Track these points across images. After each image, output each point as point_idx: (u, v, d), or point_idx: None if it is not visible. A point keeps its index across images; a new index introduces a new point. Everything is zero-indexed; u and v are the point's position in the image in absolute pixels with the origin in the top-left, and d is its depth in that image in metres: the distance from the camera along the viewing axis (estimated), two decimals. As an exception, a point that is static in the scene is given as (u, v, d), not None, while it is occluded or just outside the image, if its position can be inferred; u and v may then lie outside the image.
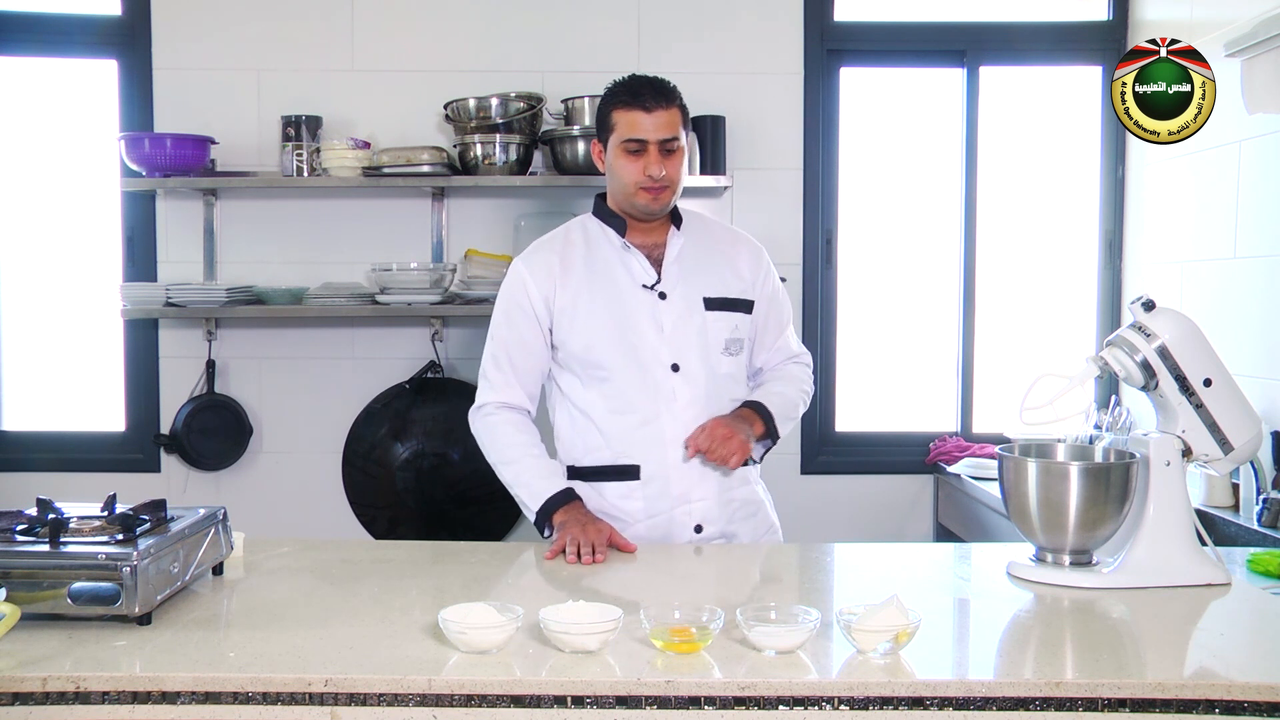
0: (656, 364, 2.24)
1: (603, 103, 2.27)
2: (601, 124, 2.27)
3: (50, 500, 1.75)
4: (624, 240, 2.30)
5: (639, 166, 2.21)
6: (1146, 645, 1.66)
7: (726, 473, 2.27)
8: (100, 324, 3.81)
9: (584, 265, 2.30)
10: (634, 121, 2.20)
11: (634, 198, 2.24)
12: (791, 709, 1.42)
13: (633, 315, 2.25)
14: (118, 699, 1.43)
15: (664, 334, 2.25)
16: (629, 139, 2.20)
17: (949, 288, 3.90)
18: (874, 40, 3.83)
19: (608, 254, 2.31)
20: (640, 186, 2.22)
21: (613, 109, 2.23)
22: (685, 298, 2.28)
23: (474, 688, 1.43)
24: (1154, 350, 1.93)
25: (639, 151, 2.20)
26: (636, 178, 2.21)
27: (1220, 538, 2.73)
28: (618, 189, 2.27)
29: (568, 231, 2.37)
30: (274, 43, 3.70)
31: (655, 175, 2.20)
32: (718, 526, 2.28)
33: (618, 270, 2.29)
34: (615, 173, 2.25)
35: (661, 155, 2.20)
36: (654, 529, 2.25)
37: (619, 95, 2.23)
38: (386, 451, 3.72)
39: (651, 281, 2.28)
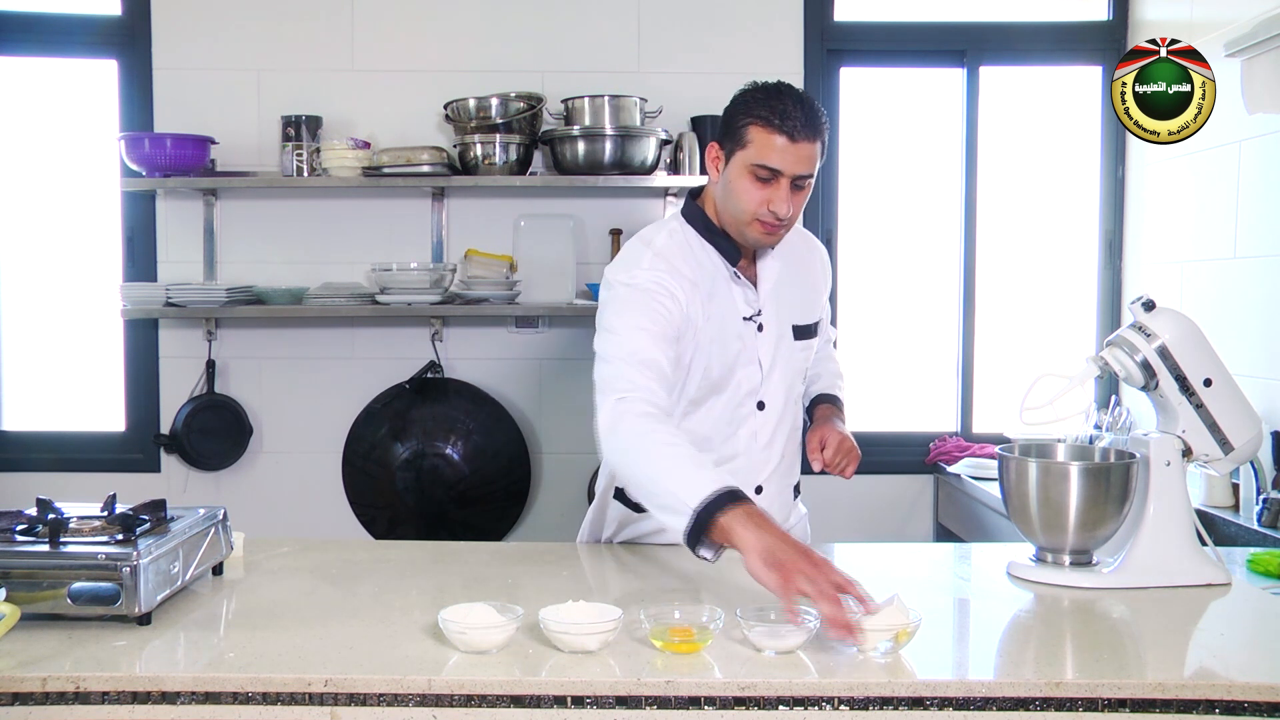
0: (749, 401, 2.07)
1: (738, 107, 1.96)
2: (730, 132, 1.96)
3: (50, 500, 1.75)
4: (734, 270, 2.05)
5: (764, 197, 1.93)
6: (1147, 645, 1.65)
7: (787, 504, 2.18)
8: (100, 324, 3.81)
9: (701, 286, 2.02)
10: (773, 147, 1.90)
11: (746, 228, 1.97)
12: (791, 709, 1.42)
13: (736, 349, 2.04)
14: (117, 699, 1.43)
15: (762, 370, 2.07)
16: (762, 165, 1.91)
17: (949, 288, 3.90)
18: (874, 40, 3.83)
19: (718, 277, 2.04)
20: (759, 219, 1.95)
21: (751, 122, 1.92)
22: (778, 329, 2.09)
23: (474, 688, 1.43)
24: (1154, 350, 1.93)
25: (768, 180, 1.92)
26: (757, 209, 1.94)
27: (1220, 538, 2.73)
28: (731, 211, 1.98)
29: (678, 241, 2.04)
30: (274, 43, 3.70)
31: (781, 214, 1.93)
32: None
33: (723, 298, 2.04)
34: (734, 193, 1.96)
35: (791, 190, 1.94)
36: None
37: (763, 109, 1.91)
38: (386, 451, 3.72)
39: (752, 312, 2.06)
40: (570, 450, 3.79)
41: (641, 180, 3.54)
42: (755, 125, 1.92)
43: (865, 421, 3.92)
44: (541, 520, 3.80)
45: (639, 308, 1.95)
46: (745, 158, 1.93)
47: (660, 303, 1.95)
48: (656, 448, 1.78)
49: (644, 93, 3.57)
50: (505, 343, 3.78)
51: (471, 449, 3.72)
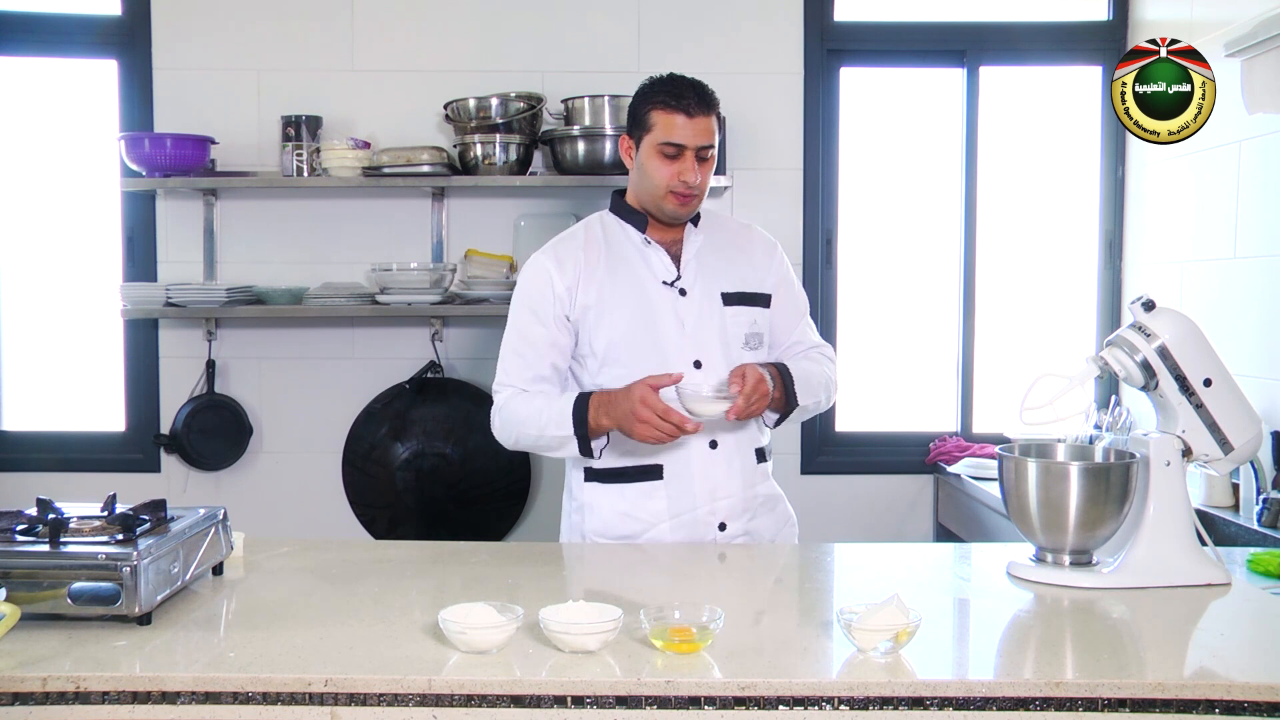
0: (679, 360, 2.20)
1: (639, 99, 2.23)
2: (636, 120, 2.23)
3: (50, 500, 1.75)
4: (644, 236, 2.28)
5: (673, 171, 2.18)
6: (1146, 645, 1.66)
7: (750, 467, 2.26)
8: (100, 324, 3.81)
9: (605, 262, 2.26)
10: (674, 125, 2.16)
11: (663, 201, 2.21)
12: (791, 709, 1.42)
13: (655, 312, 2.23)
14: (118, 699, 1.43)
15: (685, 330, 2.23)
16: (667, 142, 2.17)
17: (949, 288, 3.90)
18: (874, 40, 3.83)
19: (628, 250, 2.28)
20: (671, 190, 2.19)
21: (652, 108, 2.19)
22: (705, 294, 2.26)
23: (474, 688, 1.43)
24: (1154, 350, 1.93)
25: (675, 156, 2.17)
26: (669, 182, 2.18)
27: (1220, 538, 2.73)
28: (646, 189, 2.23)
29: (587, 228, 2.33)
30: (274, 43, 3.70)
31: (690, 183, 2.18)
32: (740, 523, 2.27)
33: (639, 266, 2.26)
34: (647, 173, 2.21)
35: (696, 162, 2.18)
36: (678, 529, 2.23)
37: (660, 95, 2.19)
38: (386, 451, 3.72)
39: (672, 278, 2.26)
40: (570, 450, 3.78)
41: (641, 180, 3.54)
42: (657, 109, 2.19)
43: (865, 421, 3.92)
44: (541, 520, 3.80)
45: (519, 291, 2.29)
46: (652, 140, 2.19)
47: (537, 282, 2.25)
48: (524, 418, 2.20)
49: (644, 93, 3.57)
50: (505, 343, 3.78)
51: (471, 449, 3.72)
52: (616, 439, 2.20)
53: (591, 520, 2.28)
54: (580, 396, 2.15)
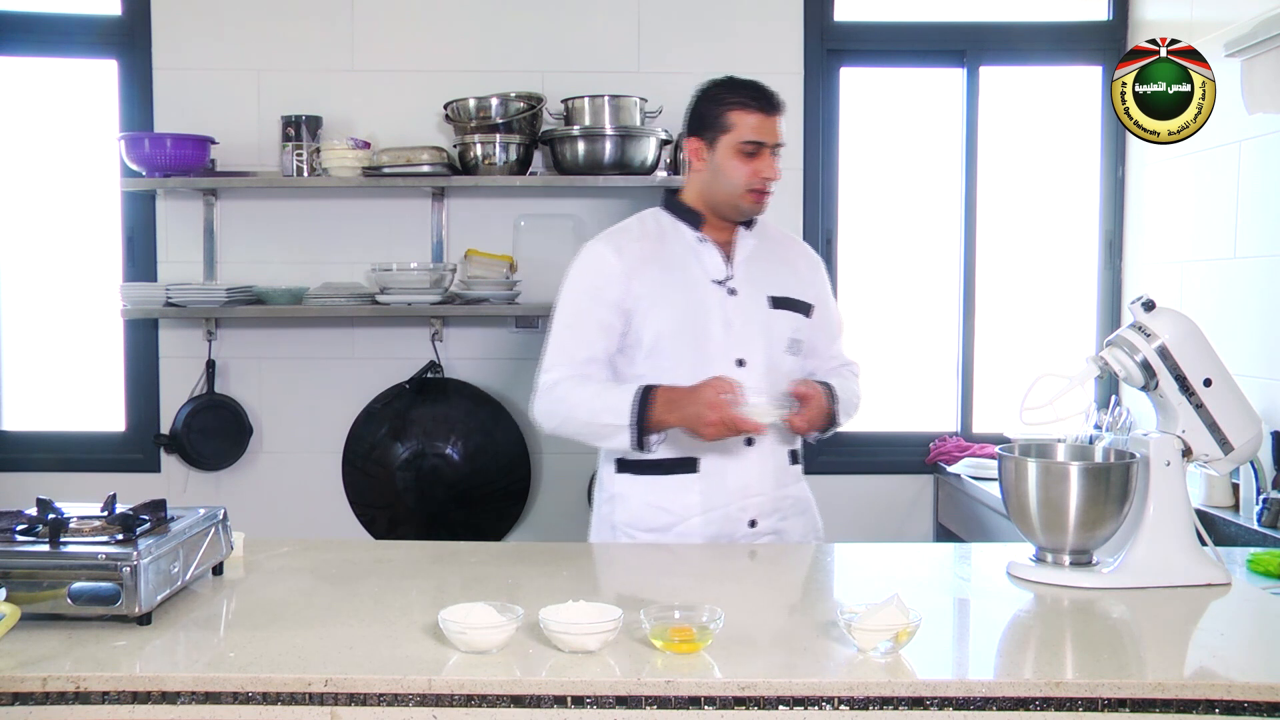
0: (722, 358, 2.22)
1: (712, 101, 2.27)
2: (708, 122, 2.26)
3: (50, 500, 1.75)
4: (699, 234, 2.30)
5: (752, 169, 2.22)
6: (1146, 645, 1.66)
7: (783, 467, 2.30)
8: (100, 324, 3.80)
9: (660, 256, 2.29)
10: (756, 124, 2.22)
11: (740, 199, 2.25)
12: (791, 709, 1.42)
13: (703, 309, 2.25)
14: (118, 699, 1.43)
15: (732, 329, 2.25)
16: (749, 140, 2.21)
17: (949, 288, 3.90)
18: (874, 40, 3.83)
19: (681, 247, 2.30)
20: (750, 189, 2.23)
21: (729, 109, 2.23)
22: (753, 295, 2.29)
23: (474, 688, 1.43)
24: (1154, 350, 1.93)
25: (754, 154, 2.22)
26: (749, 180, 2.22)
27: (1220, 538, 2.73)
28: (723, 188, 2.25)
29: (641, 222, 2.36)
30: (274, 43, 3.70)
31: (770, 178, 2.23)
32: (770, 522, 2.29)
33: (691, 263, 2.29)
34: (724, 173, 2.24)
35: (771, 159, 2.24)
36: (709, 524, 2.24)
37: (739, 96, 2.24)
38: (386, 451, 3.72)
39: (723, 276, 2.28)
40: (570, 450, 3.77)
41: (641, 180, 3.54)
42: (737, 110, 2.23)
43: (865, 421, 3.90)
44: (541, 520, 3.80)
45: (575, 276, 2.30)
46: (732, 139, 2.23)
47: (595, 269, 2.27)
48: (575, 403, 2.19)
49: (644, 93, 3.57)
50: (505, 342, 3.78)
51: (471, 449, 3.72)
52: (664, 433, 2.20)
53: (622, 511, 2.30)
54: (643, 390, 2.14)
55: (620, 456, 2.29)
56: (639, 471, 2.28)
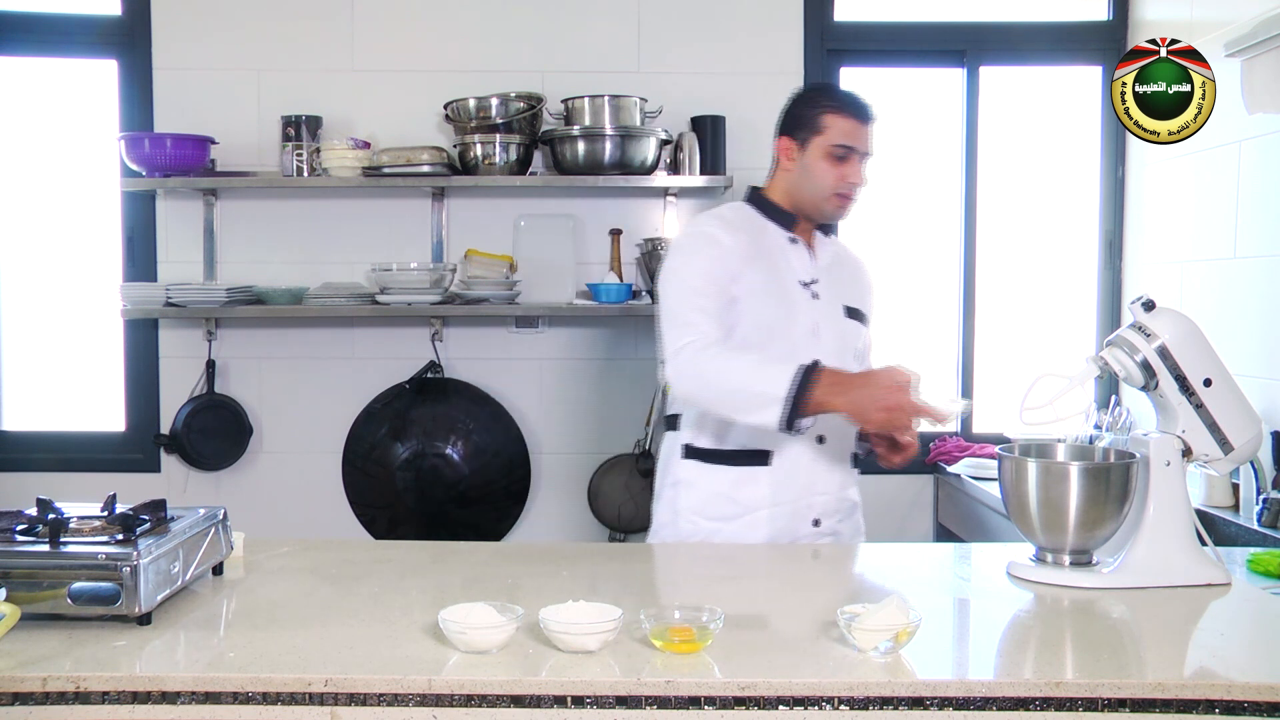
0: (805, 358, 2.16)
1: (808, 104, 2.28)
2: (803, 124, 2.26)
3: (50, 500, 1.75)
4: (790, 234, 2.30)
5: (841, 173, 2.23)
6: (1146, 645, 1.65)
7: (846, 469, 2.32)
8: (100, 324, 3.81)
9: (759, 250, 2.27)
10: (851, 130, 2.23)
11: (825, 203, 2.26)
12: (791, 709, 1.42)
13: (793, 310, 2.25)
14: (118, 699, 1.43)
15: (815, 333, 2.26)
16: (842, 144, 2.23)
17: (949, 287, 3.90)
18: (874, 40, 3.83)
19: (773, 245, 2.29)
20: (837, 193, 2.24)
21: (826, 112, 2.24)
22: (832, 301, 2.31)
23: (474, 688, 1.43)
24: (1154, 350, 1.93)
25: (844, 159, 2.23)
26: (836, 183, 2.23)
27: (1220, 538, 2.73)
28: (809, 190, 2.26)
29: (736, 213, 2.32)
30: (274, 43, 3.70)
31: (858, 184, 2.25)
32: (831, 523, 2.30)
33: (782, 262, 2.29)
34: (812, 174, 2.25)
35: (860, 165, 2.26)
36: (776, 518, 2.24)
37: (836, 100, 2.26)
38: (386, 451, 3.72)
39: (810, 279, 2.29)
40: (570, 450, 3.79)
41: (641, 180, 3.54)
42: (832, 114, 2.24)
43: (865, 421, 3.91)
44: (541, 520, 3.80)
45: (692, 250, 2.24)
46: (825, 141, 2.23)
47: (712, 246, 2.22)
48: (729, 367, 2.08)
49: (644, 93, 3.57)
50: (505, 343, 3.78)
51: (471, 449, 3.72)
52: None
53: (688, 497, 2.29)
54: (807, 368, 2.05)
55: (690, 442, 2.28)
56: (709, 460, 2.27)
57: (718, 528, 2.26)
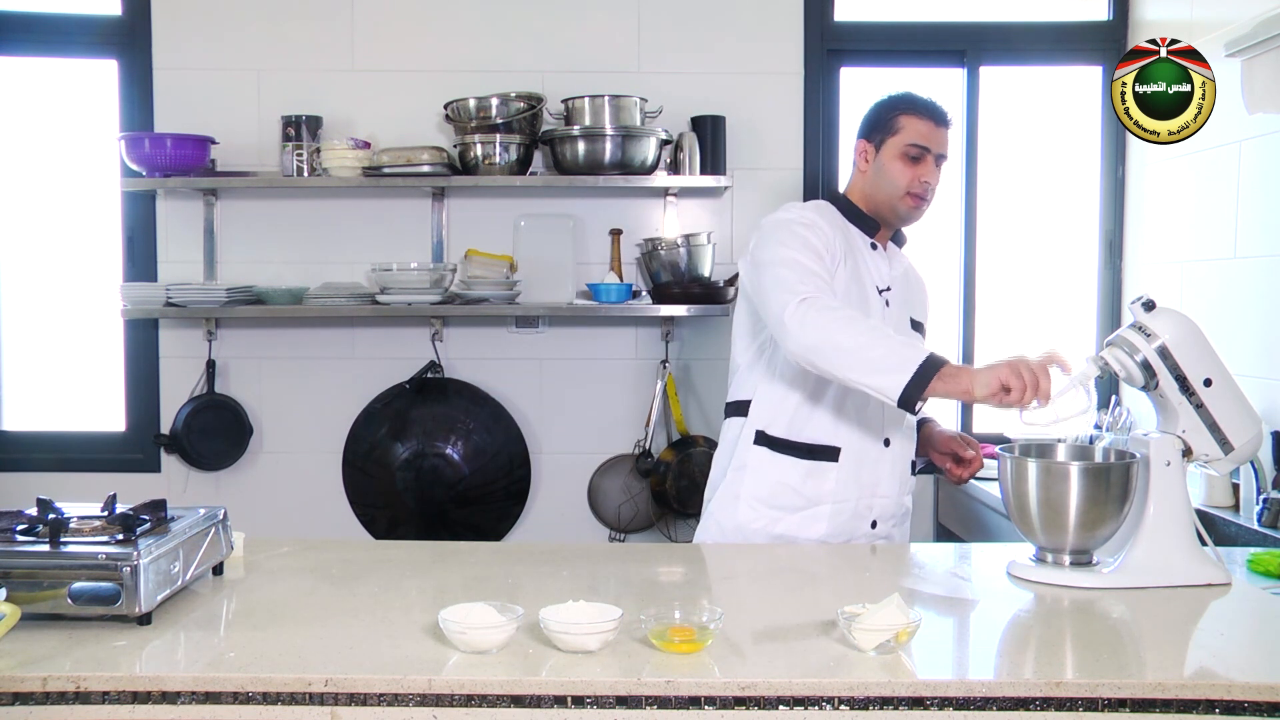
0: None
1: (886, 107, 2.32)
2: (879, 125, 2.30)
3: (50, 500, 1.75)
4: (872, 240, 2.34)
5: (915, 173, 2.26)
6: (1147, 645, 1.65)
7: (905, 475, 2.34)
8: (100, 324, 3.81)
9: (846, 246, 2.30)
10: (926, 131, 2.27)
11: (899, 202, 2.28)
12: (791, 709, 1.42)
13: (868, 313, 2.26)
14: (118, 699, 1.43)
15: None
16: (916, 144, 2.26)
17: (949, 287, 3.90)
18: (874, 40, 3.83)
19: (857, 246, 2.33)
20: (910, 192, 2.27)
21: (903, 113, 2.28)
22: (901, 310, 2.35)
23: (474, 688, 1.43)
24: (1154, 350, 1.93)
25: (919, 159, 2.26)
26: (910, 183, 2.26)
27: (1220, 538, 2.73)
28: (884, 190, 2.29)
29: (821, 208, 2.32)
30: (274, 43, 3.70)
31: (932, 184, 2.28)
32: (887, 526, 2.32)
33: (863, 265, 2.32)
34: (888, 174, 2.28)
35: (934, 166, 2.28)
36: (837, 514, 2.26)
37: (913, 102, 2.30)
38: (386, 451, 3.72)
39: (885, 286, 2.33)
40: (570, 450, 3.79)
41: (642, 180, 3.54)
42: (908, 115, 2.28)
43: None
44: (541, 520, 3.80)
45: (796, 237, 2.18)
46: (898, 143, 2.27)
47: (813, 234, 2.20)
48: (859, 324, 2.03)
49: (644, 93, 3.58)
50: (505, 343, 3.78)
51: (471, 449, 3.72)
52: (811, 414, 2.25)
53: (751, 483, 2.30)
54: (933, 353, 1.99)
55: (763, 429, 2.28)
56: (780, 449, 2.28)
57: (779, 517, 2.27)
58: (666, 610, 1.57)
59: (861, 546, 2.28)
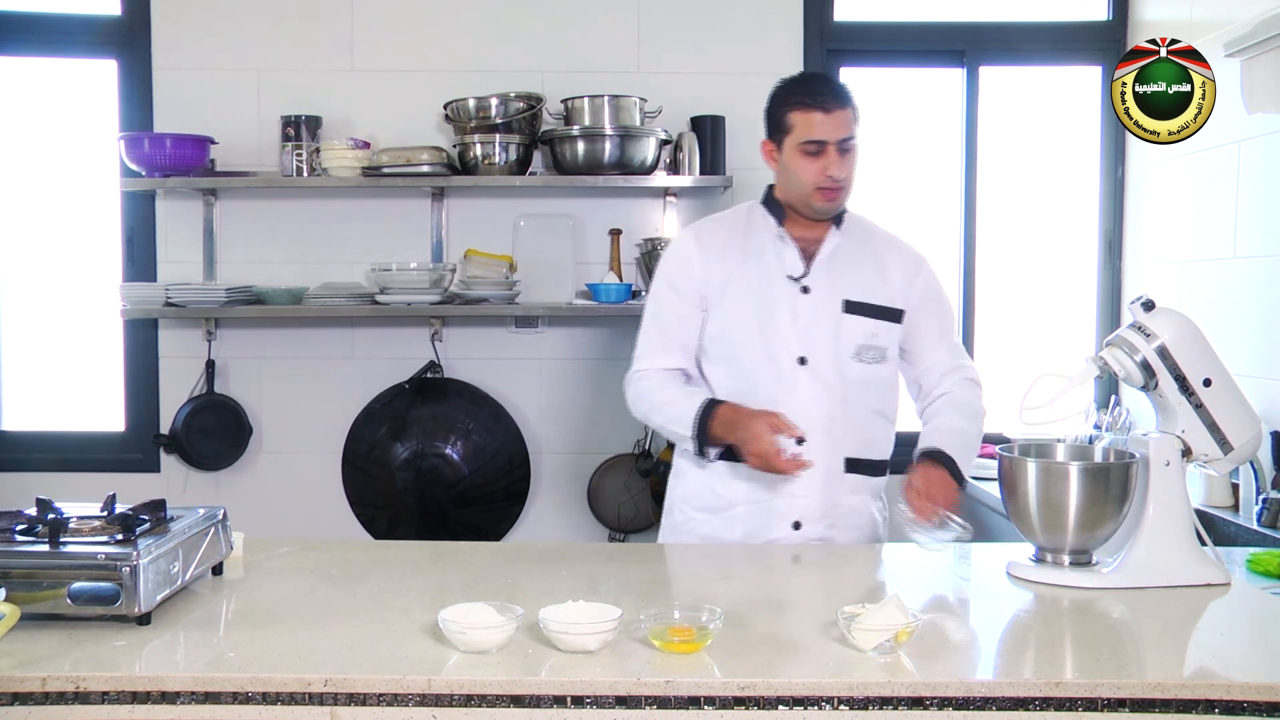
0: (784, 354, 2.25)
1: (775, 103, 2.29)
2: (775, 124, 2.29)
3: (50, 500, 1.75)
4: (781, 230, 2.32)
5: (818, 167, 2.22)
6: (1146, 645, 1.66)
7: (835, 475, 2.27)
8: (100, 324, 3.80)
9: (741, 247, 2.32)
10: (813, 123, 2.21)
11: (811, 199, 2.25)
12: (791, 709, 1.42)
13: (772, 304, 2.27)
14: (117, 699, 1.43)
15: (797, 326, 2.25)
16: (808, 140, 2.21)
17: (948, 287, 3.88)
18: (874, 40, 3.83)
19: (764, 241, 2.33)
20: (818, 187, 2.23)
21: (791, 109, 2.24)
22: (827, 295, 2.28)
23: (473, 688, 1.43)
24: (1154, 350, 1.93)
25: (817, 153, 2.22)
26: (815, 179, 2.22)
27: (1220, 538, 2.73)
28: (794, 189, 2.28)
29: (735, 214, 2.41)
30: (274, 43, 3.70)
31: (836, 176, 2.21)
32: (818, 528, 2.27)
33: (769, 258, 2.31)
34: (792, 173, 2.26)
35: (838, 155, 2.22)
36: (753, 514, 2.26)
37: (796, 96, 2.25)
38: (386, 451, 3.72)
39: (798, 274, 2.28)
40: (570, 450, 3.79)
41: (641, 180, 3.54)
42: (795, 110, 2.23)
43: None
44: (541, 520, 3.80)
45: (656, 297, 2.37)
46: (793, 141, 2.24)
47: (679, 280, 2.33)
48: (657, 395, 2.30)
49: (644, 93, 3.57)
50: (505, 343, 3.78)
51: (471, 449, 3.72)
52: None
53: (682, 487, 2.38)
54: (706, 406, 2.21)
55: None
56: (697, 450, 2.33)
57: (704, 519, 2.32)
58: (666, 610, 1.57)
59: (863, 546, 2.28)
